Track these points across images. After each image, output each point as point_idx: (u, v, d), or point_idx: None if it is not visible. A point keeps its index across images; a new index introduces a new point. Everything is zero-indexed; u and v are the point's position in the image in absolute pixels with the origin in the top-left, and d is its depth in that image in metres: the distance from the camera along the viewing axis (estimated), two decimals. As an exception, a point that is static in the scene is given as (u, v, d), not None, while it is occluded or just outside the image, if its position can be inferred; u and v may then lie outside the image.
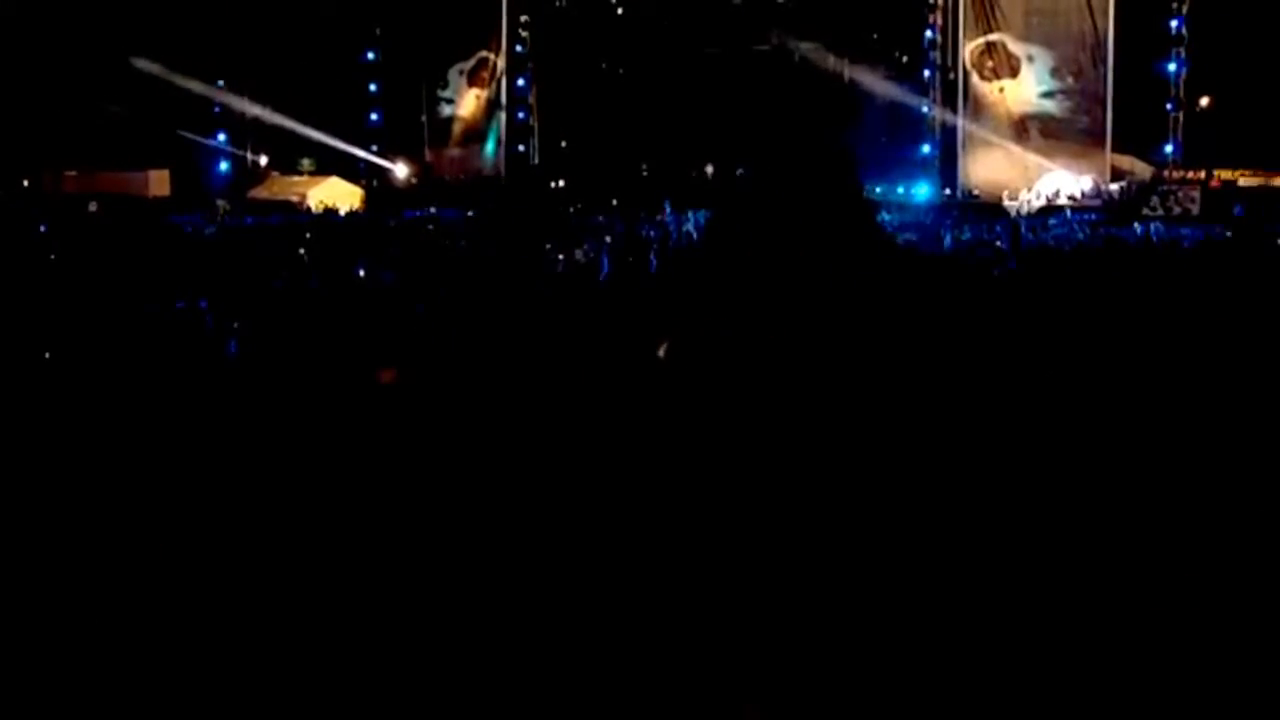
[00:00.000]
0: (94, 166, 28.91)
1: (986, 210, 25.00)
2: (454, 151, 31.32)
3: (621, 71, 31.03)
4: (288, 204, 28.94)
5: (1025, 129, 26.94)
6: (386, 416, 8.04)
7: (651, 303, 11.52)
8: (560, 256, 16.97)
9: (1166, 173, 25.62)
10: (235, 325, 10.48)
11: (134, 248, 17.98)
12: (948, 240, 19.67)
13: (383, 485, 6.54)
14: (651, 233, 20.87)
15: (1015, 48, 27.13)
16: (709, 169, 30.47)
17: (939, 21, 28.22)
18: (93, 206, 27.66)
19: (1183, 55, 25.63)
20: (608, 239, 17.96)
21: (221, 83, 29.59)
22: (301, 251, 17.63)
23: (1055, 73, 26.80)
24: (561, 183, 30.72)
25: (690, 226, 23.33)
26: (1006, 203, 26.00)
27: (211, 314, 11.06)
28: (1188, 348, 9.38)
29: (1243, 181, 24.70)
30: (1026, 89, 27.08)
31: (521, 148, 31.34)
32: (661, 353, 8.39)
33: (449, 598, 5.27)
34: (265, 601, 5.31)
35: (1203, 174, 24.86)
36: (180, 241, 20.41)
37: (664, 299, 11.52)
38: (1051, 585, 5.28)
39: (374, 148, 31.30)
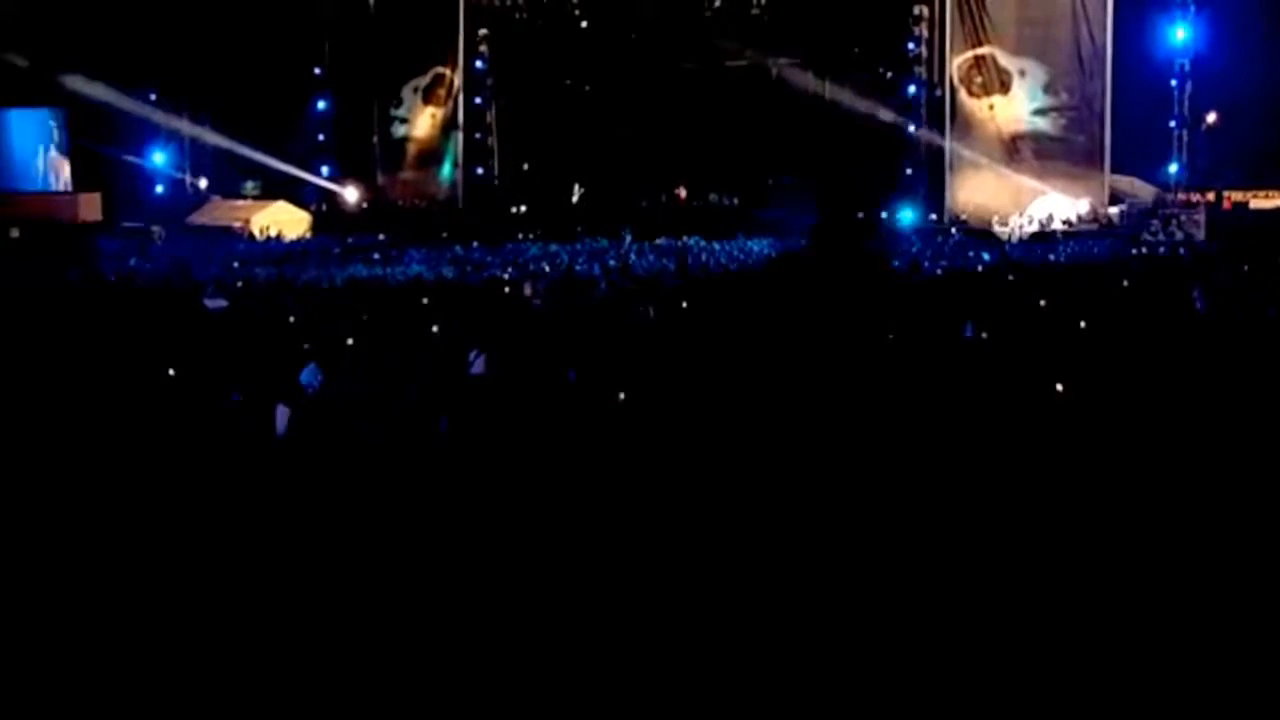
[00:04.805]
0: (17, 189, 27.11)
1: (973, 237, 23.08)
2: (408, 174, 29.42)
3: (587, 89, 29.15)
4: (229, 230, 27.14)
5: (1017, 149, 24.99)
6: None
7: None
8: None
9: (1170, 195, 23.57)
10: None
11: None
12: None
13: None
14: (596, 269, 18.87)
15: (1006, 62, 25.21)
16: (681, 192, 28.63)
17: (925, 34, 26.33)
18: (14, 233, 25.85)
19: (1186, 68, 23.51)
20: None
21: (154, 97, 27.68)
22: None
23: (1049, 88, 24.87)
24: (524, 208, 28.81)
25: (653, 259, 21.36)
26: (996, 228, 24.09)
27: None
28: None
29: (1255, 203, 22.72)
30: (1018, 106, 25.14)
31: (480, 170, 29.37)
32: None
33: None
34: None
35: (1210, 196, 22.86)
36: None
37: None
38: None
39: (323, 170, 29.38)
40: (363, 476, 7.21)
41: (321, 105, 29.36)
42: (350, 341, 11.27)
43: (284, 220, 27.75)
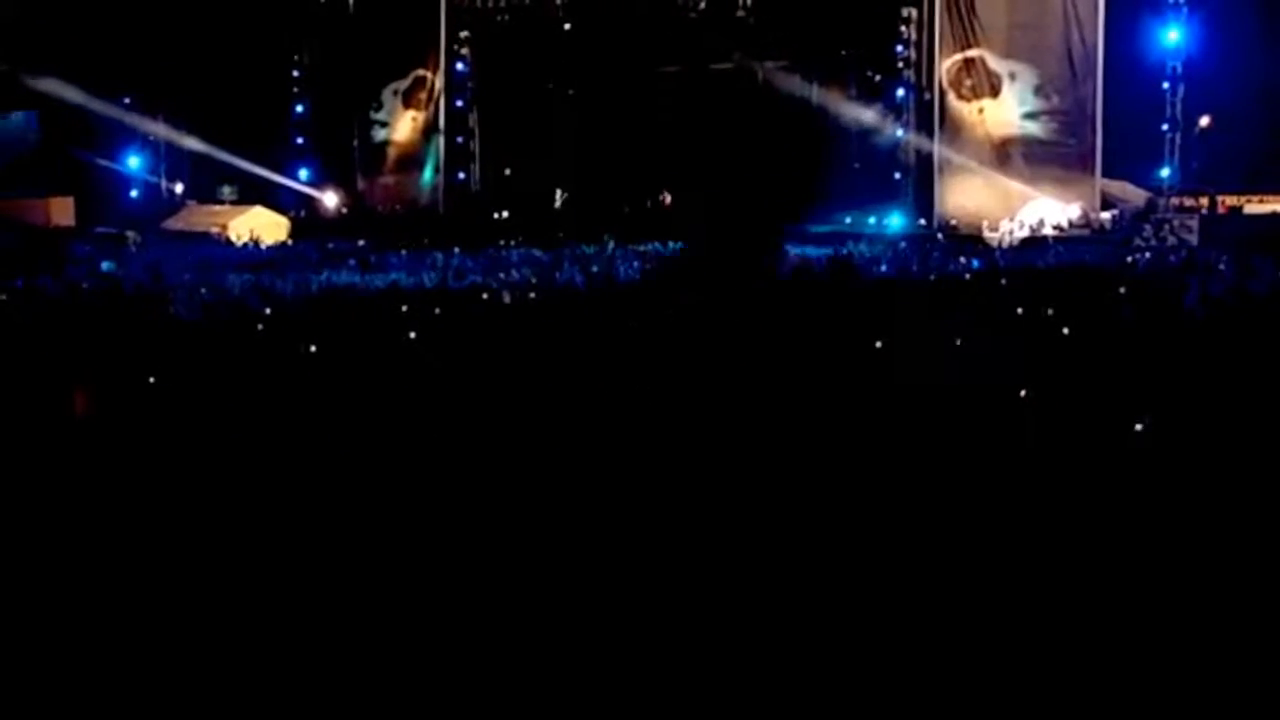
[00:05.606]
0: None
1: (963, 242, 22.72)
2: (387, 179, 29.00)
3: (570, 92, 28.75)
4: (206, 236, 26.65)
5: (1007, 153, 24.53)
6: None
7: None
8: None
9: (1163, 200, 23.22)
10: None
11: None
12: None
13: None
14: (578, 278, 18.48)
15: (996, 64, 24.78)
16: (665, 196, 28.23)
17: (913, 37, 25.96)
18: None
19: (1179, 71, 23.15)
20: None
21: (129, 100, 27.19)
22: None
23: (1039, 91, 24.41)
24: (505, 214, 28.37)
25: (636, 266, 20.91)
26: (986, 234, 23.69)
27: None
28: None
29: (1249, 208, 22.39)
30: (1008, 109, 24.70)
31: (461, 175, 28.94)
32: None
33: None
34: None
35: (1204, 200, 22.50)
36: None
37: None
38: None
39: (302, 175, 28.91)
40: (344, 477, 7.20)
41: (300, 109, 28.94)
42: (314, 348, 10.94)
43: (262, 225, 27.29)
